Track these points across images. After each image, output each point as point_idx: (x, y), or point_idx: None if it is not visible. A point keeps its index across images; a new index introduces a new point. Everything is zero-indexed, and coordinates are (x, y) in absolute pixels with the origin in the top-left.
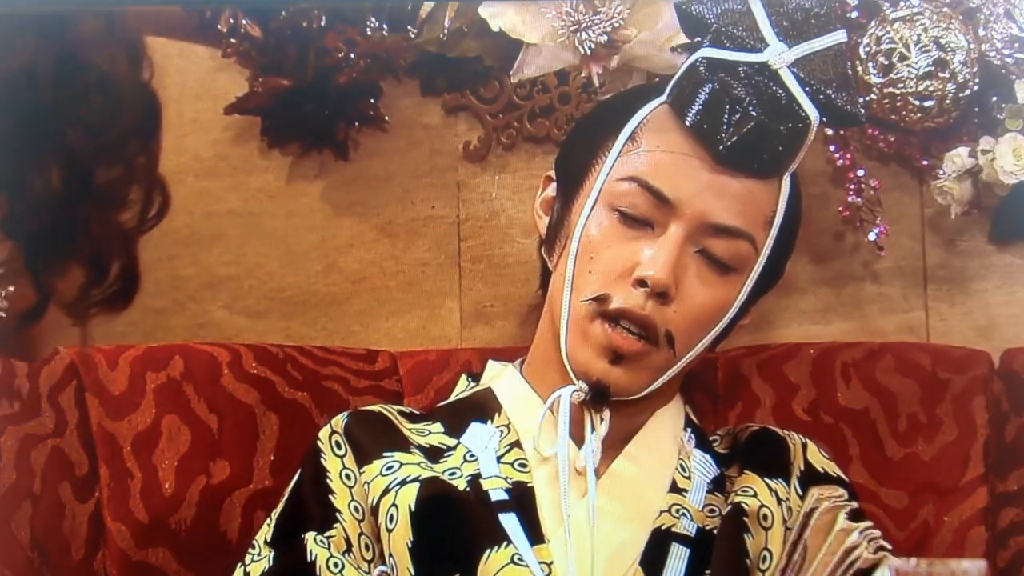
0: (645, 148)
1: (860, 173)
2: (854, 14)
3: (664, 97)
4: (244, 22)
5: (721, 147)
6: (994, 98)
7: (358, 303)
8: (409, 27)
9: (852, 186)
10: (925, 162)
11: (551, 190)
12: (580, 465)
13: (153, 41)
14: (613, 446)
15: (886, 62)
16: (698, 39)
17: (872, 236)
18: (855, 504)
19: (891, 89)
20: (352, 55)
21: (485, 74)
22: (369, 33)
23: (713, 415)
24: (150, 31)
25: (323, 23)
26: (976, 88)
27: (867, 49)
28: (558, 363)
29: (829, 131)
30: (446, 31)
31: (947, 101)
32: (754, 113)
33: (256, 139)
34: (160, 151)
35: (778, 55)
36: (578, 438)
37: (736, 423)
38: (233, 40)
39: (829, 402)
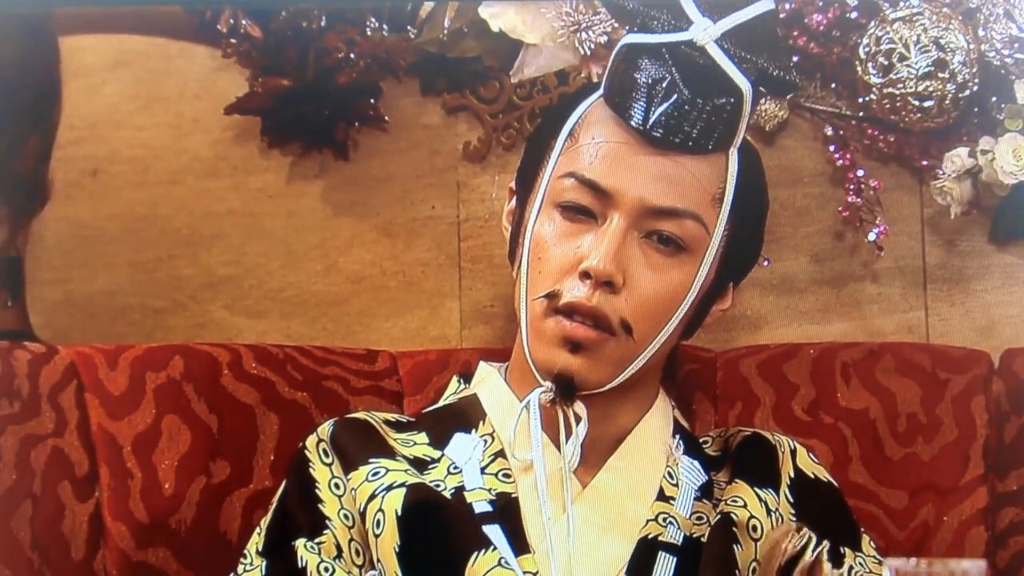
0: (582, 142)
1: (860, 173)
2: (854, 14)
3: (601, 91)
4: (244, 22)
5: (650, 129)
6: (994, 98)
7: (358, 303)
8: (409, 27)
9: (852, 186)
10: (925, 162)
11: (514, 202)
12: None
13: (153, 41)
14: (599, 453)
15: (886, 62)
16: (620, 22)
17: (872, 236)
18: (826, 543)
19: (891, 89)
20: (352, 55)
21: (485, 74)
22: (369, 33)
23: (713, 415)
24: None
25: (323, 23)
26: (976, 88)
27: (867, 49)
28: (528, 363)
29: (829, 131)
30: (446, 31)
31: (947, 101)
32: (677, 93)
33: (256, 139)
34: (47, 152)
35: (703, 31)
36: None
37: (736, 424)
38: (233, 40)
39: (829, 402)
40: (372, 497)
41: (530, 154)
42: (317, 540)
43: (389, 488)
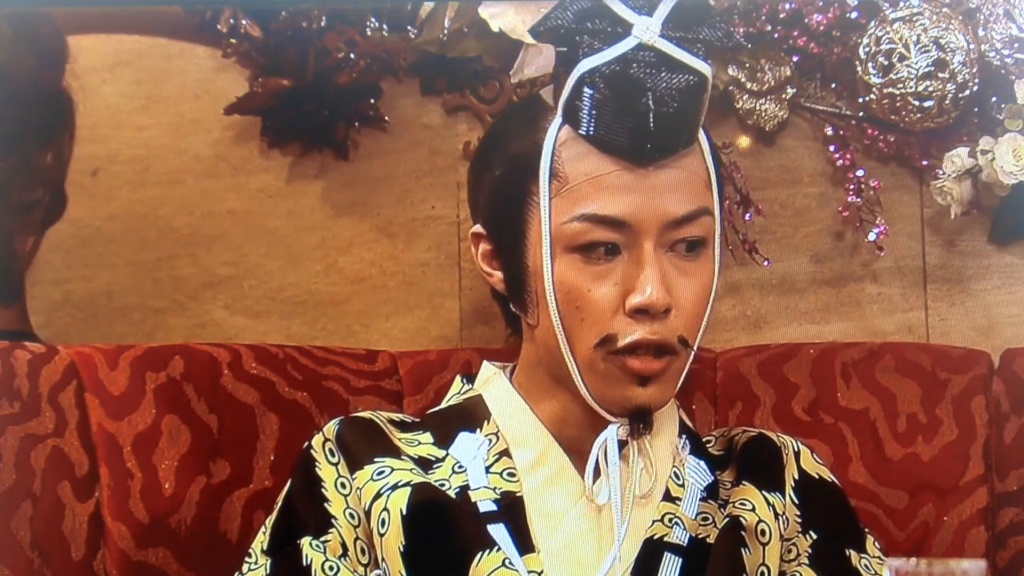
0: (574, 182)
1: (860, 173)
2: (854, 14)
3: (559, 119)
4: (244, 22)
5: (644, 147)
6: (994, 98)
7: (358, 303)
8: (409, 27)
9: (852, 186)
10: (925, 162)
11: (486, 243)
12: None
13: (153, 41)
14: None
15: (886, 62)
16: (564, 50)
17: (872, 236)
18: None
19: (891, 89)
20: (352, 55)
21: (485, 74)
22: (369, 33)
23: (713, 415)
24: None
25: (323, 23)
26: (976, 88)
27: (867, 49)
28: (550, 384)
29: (829, 131)
30: (446, 31)
31: (947, 101)
32: (655, 103)
33: (256, 139)
34: (71, 152)
35: (645, 29)
36: (581, 456)
37: (736, 423)
38: (233, 40)
39: (829, 402)
40: (377, 496)
41: (497, 197)
42: (322, 539)
43: (394, 487)
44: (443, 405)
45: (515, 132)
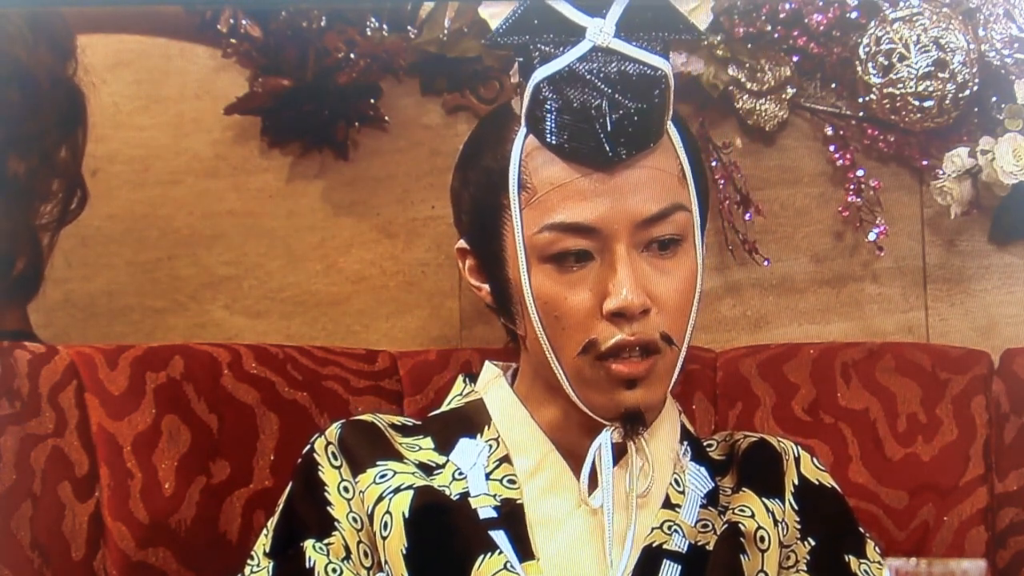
0: (542, 192)
1: (860, 173)
2: (854, 14)
3: (524, 129)
4: (244, 22)
5: (606, 150)
6: (994, 98)
7: (358, 303)
8: (409, 27)
9: (852, 186)
10: (925, 162)
11: (471, 258)
12: (595, 504)
13: (153, 41)
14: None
15: (886, 62)
16: (520, 59)
17: (872, 236)
18: None
19: (891, 89)
20: (352, 55)
21: (485, 74)
22: (369, 33)
23: (713, 415)
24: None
25: (323, 23)
26: (976, 88)
27: (867, 49)
28: (546, 391)
29: (829, 131)
30: (446, 31)
31: (947, 101)
32: (613, 105)
33: (256, 139)
34: (84, 146)
35: (599, 31)
36: (581, 462)
37: (736, 423)
38: (233, 40)
39: (829, 402)
40: (380, 499)
41: (475, 210)
42: (326, 541)
43: (397, 490)
44: (444, 408)
45: (486, 145)
